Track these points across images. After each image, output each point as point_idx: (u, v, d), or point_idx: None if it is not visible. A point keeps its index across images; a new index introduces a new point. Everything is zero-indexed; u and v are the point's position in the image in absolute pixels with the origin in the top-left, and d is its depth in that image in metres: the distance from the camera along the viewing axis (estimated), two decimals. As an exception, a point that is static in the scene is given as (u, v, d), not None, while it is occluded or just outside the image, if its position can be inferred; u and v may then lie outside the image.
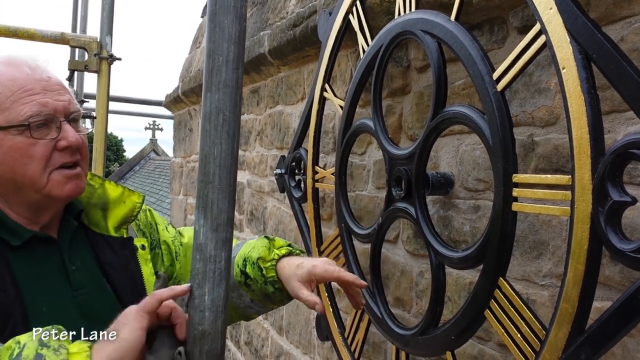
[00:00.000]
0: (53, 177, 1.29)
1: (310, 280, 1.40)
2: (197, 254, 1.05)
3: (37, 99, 1.28)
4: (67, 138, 1.30)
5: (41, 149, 1.28)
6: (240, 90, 1.06)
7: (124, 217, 1.48)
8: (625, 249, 1.03)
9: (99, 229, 1.44)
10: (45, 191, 1.29)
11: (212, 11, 1.03)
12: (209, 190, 1.03)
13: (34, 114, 1.26)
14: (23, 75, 1.29)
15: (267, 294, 1.52)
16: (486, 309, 1.37)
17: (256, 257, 1.51)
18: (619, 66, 1.04)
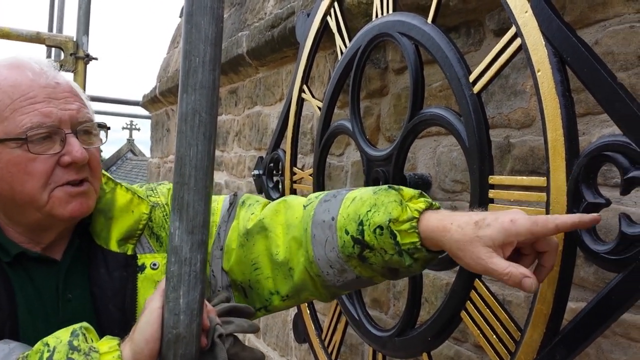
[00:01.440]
0: (55, 194, 1.16)
1: (507, 243, 1.01)
2: (172, 256, 1.03)
3: (39, 108, 1.14)
4: (71, 153, 1.16)
5: (41, 165, 1.14)
6: (217, 92, 1.05)
7: (128, 229, 1.28)
8: (599, 250, 1.04)
9: (99, 240, 1.26)
10: (46, 210, 1.16)
11: (188, 12, 1.02)
12: (185, 192, 1.02)
13: (34, 126, 1.13)
14: (26, 81, 1.15)
15: (395, 269, 1.17)
16: (462, 310, 1.37)
17: (386, 219, 1.11)
18: (592, 69, 1.06)
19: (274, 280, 1.29)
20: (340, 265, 1.20)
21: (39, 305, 1.19)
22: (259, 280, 1.30)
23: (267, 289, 1.30)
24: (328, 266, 1.21)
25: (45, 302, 1.20)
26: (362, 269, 1.19)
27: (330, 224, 1.20)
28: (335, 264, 1.20)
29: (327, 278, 1.23)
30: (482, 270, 1.04)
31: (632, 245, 0.99)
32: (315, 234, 1.22)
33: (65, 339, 1.04)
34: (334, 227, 1.19)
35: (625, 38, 1.24)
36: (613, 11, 1.26)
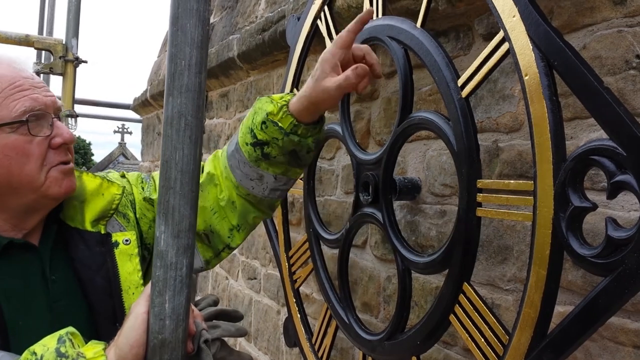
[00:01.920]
0: (51, 174, 1.25)
1: (334, 64, 1.35)
2: (157, 260, 1.03)
3: (28, 94, 1.23)
4: (62, 135, 1.26)
5: (37, 147, 1.23)
6: (203, 95, 1.04)
7: (102, 210, 1.37)
8: (585, 254, 1.04)
9: (74, 223, 1.34)
10: (42, 190, 1.24)
11: (174, 15, 1.01)
12: (170, 196, 1.02)
13: (27, 110, 1.21)
14: (10, 72, 1.23)
15: (293, 150, 1.41)
16: (451, 314, 1.37)
17: (262, 119, 1.39)
18: (579, 74, 1.06)
19: (228, 217, 1.52)
20: (256, 173, 1.46)
21: (26, 291, 1.24)
22: (219, 222, 1.52)
23: (227, 228, 1.53)
24: (249, 180, 1.48)
25: (33, 286, 1.25)
26: (271, 166, 1.45)
27: (237, 148, 1.47)
28: (252, 174, 1.46)
29: (254, 192, 1.49)
30: (338, 87, 1.33)
31: (619, 249, 0.99)
32: (231, 163, 1.49)
33: (53, 346, 1.05)
34: (238, 147, 1.46)
35: (613, 42, 1.24)
36: (601, 16, 1.27)
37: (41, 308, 1.23)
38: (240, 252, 3.28)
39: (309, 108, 1.38)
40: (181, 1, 1.00)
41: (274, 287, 2.83)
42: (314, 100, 1.37)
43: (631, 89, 1.20)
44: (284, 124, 1.38)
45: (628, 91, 1.21)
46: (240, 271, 3.28)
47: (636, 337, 1.19)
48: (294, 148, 1.41)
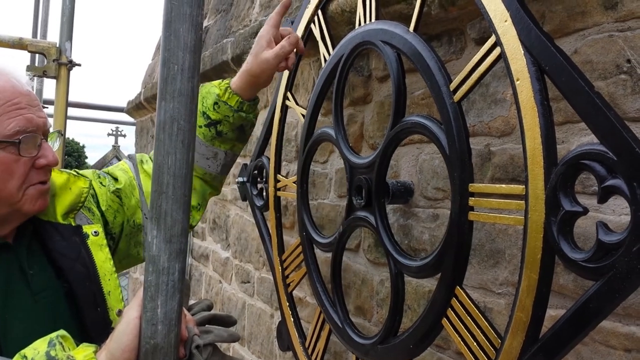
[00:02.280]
0: (28, 192, 1.30)
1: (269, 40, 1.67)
2: (150, 265, 1.03)
3: (24, 113, 1.27)
4: (47, 157, 1.32)
5: (22, 167, 1.28)
6: (196, 99, 1.04)
7: (71, 204, 1.45)
8: (577, 258, 1.04)
9: (47, 217, 1.41)
10: (18, 206, 1.30)
11: (167, 19, 1.02)
12: (163, 200, 1.02)
13: (21, 130, 1.25)
14: (9, 87, 1.26)
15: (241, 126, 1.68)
16: (444, 318, 1.37)
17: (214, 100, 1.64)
18: (570, 78, 1.06)
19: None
20: (211, 151, 1.68)
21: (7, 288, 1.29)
22: None
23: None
24: (205, 159, 1.69)
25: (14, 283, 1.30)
26: (223, 143, 1.68)
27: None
28: (208, 153, 1.67)
29: (210, 170, 1.71)
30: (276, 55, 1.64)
31: (609, 253, 0.99)
32: None
33: (43, 350, 1.06)
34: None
35: (604, 47, 1.25)
36: (592, 20, 1.27)
37: (25, 302, 1.29)
38: (233, 256, 3.28)
39: (250, 82, 1.66)
40: (174, 6, 1.00)
41: (267, 291, 2.83)
42: (254, 72, 1.65)
43: (622, 93, 1.21)
44: (232, 102, 1.64)
45: (619, 95, 1.22)
46: (234, 275, 3.27)
47: (627, 341, 1.20)
48: (241, 123, 1.67)
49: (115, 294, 1.45)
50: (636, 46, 1.19)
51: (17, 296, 1.29)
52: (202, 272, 3.86)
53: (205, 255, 3.79)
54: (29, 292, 1.31)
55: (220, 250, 3.52)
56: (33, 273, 1.33)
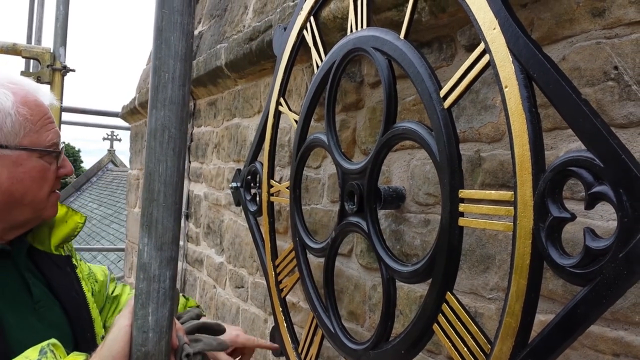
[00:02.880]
0: (51, 199, 1.42)
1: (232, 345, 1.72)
2: (140, 273, 1.03)
3: (54, 127, 1.40)
4: (67, 167, 1.45)
5: (52, 174, 1.40)
6: (187, 107, 1.05)
7: (65, 236, 1.55)
8: (565, 264, 1.05)
9: (43, 247, 1.50)
10: (41, 211, 1.40)
11: (158, 27, 1.02)
12: (154, 208, 1.02)
13: (56, 142, 1.39)
14: (42, 103, 1.39)
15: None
16: (434, 323, 1.38)
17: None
18: (558, 85, 1.07)
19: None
20: None
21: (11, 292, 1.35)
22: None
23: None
24: None
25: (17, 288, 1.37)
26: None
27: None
28: None
29: None
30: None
31: (597, 259, 1.00)
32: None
33: (34, 358, 1.06)
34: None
35: (592, 54, 1.26)
36: (580, 27, 1.29)
37: (28, 307, 1.35)
38: (227, 261, 3.28)
39: None
40: (165, 14, 1.00)
41: (260, 296, 2.83)
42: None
43: (609, 100, 1.22)
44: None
45: (606, 102, 1.23)
46: (228, 280, 3.28)
47: (615, 345, 1.21)
48: None
49: (98, 321, 1.57)
50: (623, 53, 1.20)
51: (21, 301, 1.35)
52: (197, 277, 3.85)
53: (200, 260, 3.79)
54: (31, 300, 1.37)
55: (214, 255, 3.52)
56: (31, 283, 1.39)
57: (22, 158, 1.32)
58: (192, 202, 4.01)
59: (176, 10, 0.99)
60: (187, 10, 0.99)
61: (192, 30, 1.03)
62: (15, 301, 1.34)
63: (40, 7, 4.61)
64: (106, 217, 16.63)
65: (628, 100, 1.19)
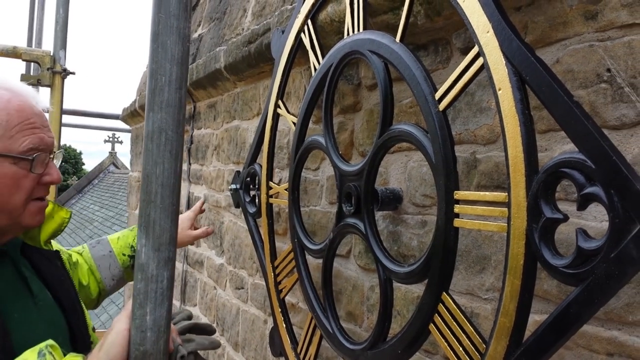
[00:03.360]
0: (29, 207, 1.37)
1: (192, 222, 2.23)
2: (138, 273, 1.05)
3: (37, 133, 1.35)
4: (52, 175, 1.40)
5: (29, 182, 1.35)
6: (184, 110, 1.07)
7: (53, 231, 1.57)
8: (557, 264, 1.07)
9: (34, 242, 1.52)
10: (18, 219, 1.36)
11: (154, 32, 1.04)
12: (151, 209, 1.04)
13: (33, 148, 1.33)
14: (28, 107, 1.35)
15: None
16: (430, 323, 1.40)
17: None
18: (550, 88, 1.09)
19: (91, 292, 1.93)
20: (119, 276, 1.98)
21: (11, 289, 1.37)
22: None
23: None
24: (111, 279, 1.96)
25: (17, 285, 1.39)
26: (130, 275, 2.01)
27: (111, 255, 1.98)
28: (116, 275, 1.97)
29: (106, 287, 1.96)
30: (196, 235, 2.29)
31: (589, 259, 1.02)
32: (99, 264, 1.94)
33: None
34: (114, 255, 1.98)
35: (585, 56, 1.27)
36: (573, 30, 1.30)
37: (29, 303, 1.38)
38: (227, 262, 3.30)
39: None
40: (161, 18, 1.02)
41: (260, 297, 2.85)
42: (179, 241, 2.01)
43: (602, 102, 1.24)
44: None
45: (599, 104, 1.24)
46: (228, 281, 3.29)
47: (609, 345, 1.22)
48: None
49: (86, 312, 1.61)
50: (616, 55, 1.21)
51: (21, 298, 1.38)
52: (197, 279, 3.87)
53: (200, 262, 3.80)
54: (30, 295, 1.39)
55: (214, 257, 3.54)
56: (30, 279, 1.42)
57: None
58: (192, 204, 4.03)
59: (172, 15, 1.00)
60: (183, 14, 1.00)
61: (188, 34, 1.05)
62: (18, 298, 1.36)
63: (41, 10, 4.63)
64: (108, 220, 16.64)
65: (621, 102, 1.20)
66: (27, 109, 1.35)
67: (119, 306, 10.13)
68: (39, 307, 1.40)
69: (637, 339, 1.17)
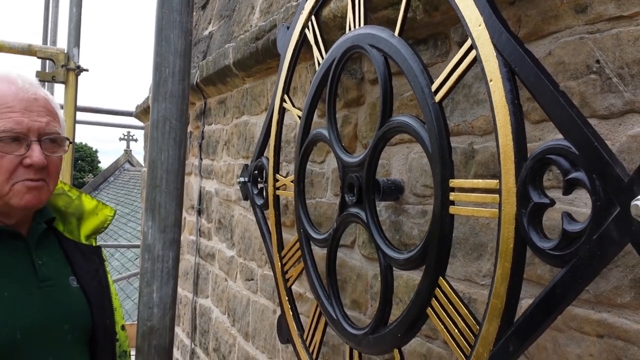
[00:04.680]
0: (15, 188, 1.42)
1: None
2: (145, 253, 1.11)
3: (14, 117, 1.41)
4: (32, 157, 1.43)
5: (7, 162, 1.40)
6: (187, 100, 1.13)
7: (95, 227, 1.61)
8: (544, 247, 1.11)
9: (72, 236, 1.59)
10: (5, 199, 1.42)
11: (158, 26, 1.10)
12: (157, 193, 1.10)
13: (5, 129, 1.39)
14: (9, 93, 1.42)
15: None
16: (428, 307, 1.45)
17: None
18: (537, 78, 1.14)
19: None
20: None
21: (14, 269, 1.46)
22: None
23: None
24: None
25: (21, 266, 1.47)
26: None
27: None
28: None
29: None
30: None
31: (573, 241, 1.06)
32: None
33: None
34: None
35: (575, 49, 1.32)
36: (564, 23, 1.34)
37: (29, 287, 1.45)
38: (238, 254, 3.36)
39: None
40: (165, 14, 1.08)
41: (269, 288, 2.91)
42: None
43: (592, 92, 1.28)
44: None
45: (589, 94, 1.28)
46: (238, 272, 3.36)
47: (599, 327, 1.26)
48: None
49: (119, 311, 1.63)
50: (604, 47, 1.25)
51: (23, 280, 1.45)
52: (209, 271, 3.94)
53: (212, 255, 3.87)
54: (35, 279, 1.46)
55: (225, 250, 3.61)
56: (42, 263, 1.49)
57: None
58: (204, 198, 4.10)
59: (175, 10, 1.06)
60: (185, 9, 1.07)
61: (190, 28, 1.11)
62: (18, 278, 1.45)
63: (55, 9, 4.73)
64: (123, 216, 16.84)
65: (609, 92, 1.24)
66: (9, 94, 1.41)
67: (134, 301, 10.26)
68: (46, 292, 1.47)
69: (625, 320, 1.21)
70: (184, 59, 1.07)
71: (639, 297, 1.18)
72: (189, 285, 4.30)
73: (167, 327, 1.11)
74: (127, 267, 12.22)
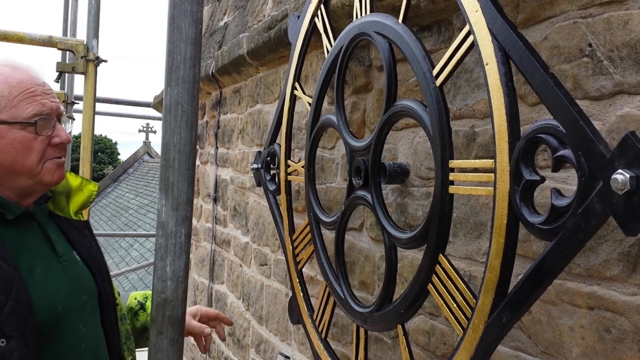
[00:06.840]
0: (46, 166, 1.53)
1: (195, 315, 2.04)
2: (159, 230, 1.19)
3: (39, 100, 1.51)
4: (60, 136, 1.55)
5: (40, 144, 1.51)
6: (198, 85, 1.20)
7: (82, 203, 1.73)
8: (535, 221, 1.17)
9: (63, 213, 1.69)
10: (38, 178, 1.53)
11: (171, 15, 1.17)
12: (170, 173, 1.18)
13: (37, 113, 1.50)
14: (27, 79, 1.52)
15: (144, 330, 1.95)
16: (429, 284, 1.51)
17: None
18: (529, 61, 1.19)
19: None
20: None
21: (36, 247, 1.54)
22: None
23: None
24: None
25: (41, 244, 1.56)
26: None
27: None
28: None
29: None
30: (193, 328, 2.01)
31: (561, 215, 1.12)
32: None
33: None
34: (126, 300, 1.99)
35: (569, 33, 1.37)
36: (559, 8, 1.39)
37: (53, 261, 1.56)
38: (252, 240, 3.45)
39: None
40: (176, 3, 1.15)
41: (282, 272, 2.99)
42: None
43: (584, 74, 1.33)
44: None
45: (582, 77, 1.34)
46: (253, 258, 3.44)
47: (590, 300, 1.32)
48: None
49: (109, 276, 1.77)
50: (596, 31, 1.31)
51: (48, 257, 1.55)
52: (225, 257, 4.04)
53: (227, 241, 3.97)
54: (54, 254, 1.57)
55: (240, 236, 3.70)
56: (54, 241, 1.59)
57: (3, 131, 1.46)
58: (219, 186, 4.19)
59: (186, 0, 1.14)
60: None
61: (200, 17, 1.18)
62: (43, 256, 1.54)
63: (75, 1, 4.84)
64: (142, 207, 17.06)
65: (600, 74, 1.30)
66: (27, 80, 1.51)
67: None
68: (65, 266, 1.57)
69: (614, 292, 1.27)
70: (195, 46, 1.14)
71: (626, 270, 1.24)
72: (205, 272, 4.40)
73: (180, 299, 1.18)
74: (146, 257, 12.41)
